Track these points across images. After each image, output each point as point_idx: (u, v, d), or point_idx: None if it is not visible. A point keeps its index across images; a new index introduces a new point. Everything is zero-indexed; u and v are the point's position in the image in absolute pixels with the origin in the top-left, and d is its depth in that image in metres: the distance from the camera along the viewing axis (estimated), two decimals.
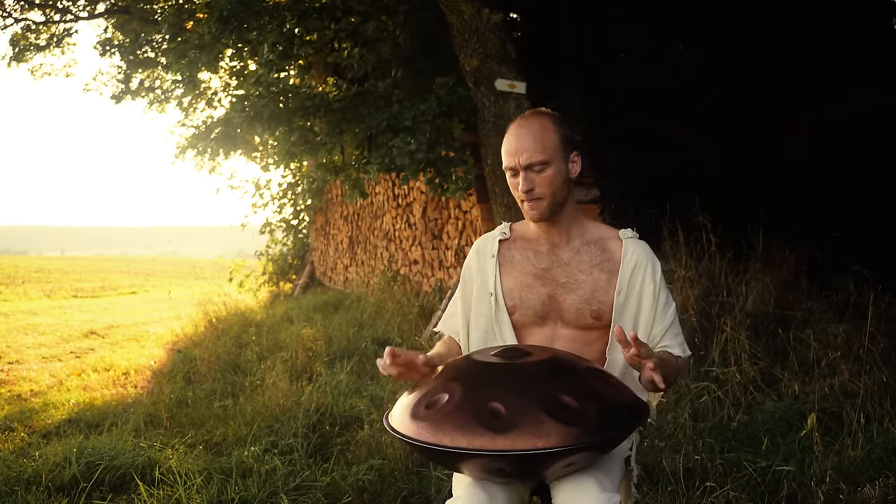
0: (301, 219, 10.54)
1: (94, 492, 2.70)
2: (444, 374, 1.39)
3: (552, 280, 1.63)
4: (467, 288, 1.74)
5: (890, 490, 2.38)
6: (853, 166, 4.97)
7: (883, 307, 3.72)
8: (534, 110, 1.63)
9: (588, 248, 1.64)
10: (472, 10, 4.56)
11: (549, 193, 1.57)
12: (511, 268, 1.67)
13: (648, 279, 1.61)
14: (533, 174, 1.55)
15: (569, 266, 1.63)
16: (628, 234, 1.66)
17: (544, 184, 1.56)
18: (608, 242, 1.65)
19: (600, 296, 1.60)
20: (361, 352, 4.83)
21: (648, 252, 1.64)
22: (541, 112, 1.62)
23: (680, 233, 4.38)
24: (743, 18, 5.12)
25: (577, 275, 1.62)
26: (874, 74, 5.04)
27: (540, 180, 1.56)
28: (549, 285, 1.62)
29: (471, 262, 1.74)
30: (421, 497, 2.67)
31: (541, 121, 1.59)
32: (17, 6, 11.36)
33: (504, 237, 1.72)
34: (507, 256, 1.69)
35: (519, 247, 1.69)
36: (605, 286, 1.60)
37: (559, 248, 1.65)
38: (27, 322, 8.32)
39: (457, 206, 5.95)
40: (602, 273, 1.61)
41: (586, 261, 1.62)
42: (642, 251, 1.63)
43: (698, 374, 3.52)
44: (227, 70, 8.71)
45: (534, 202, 1.57)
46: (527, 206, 1.59)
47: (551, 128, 1.58)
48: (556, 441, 1.19)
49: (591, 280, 1.61)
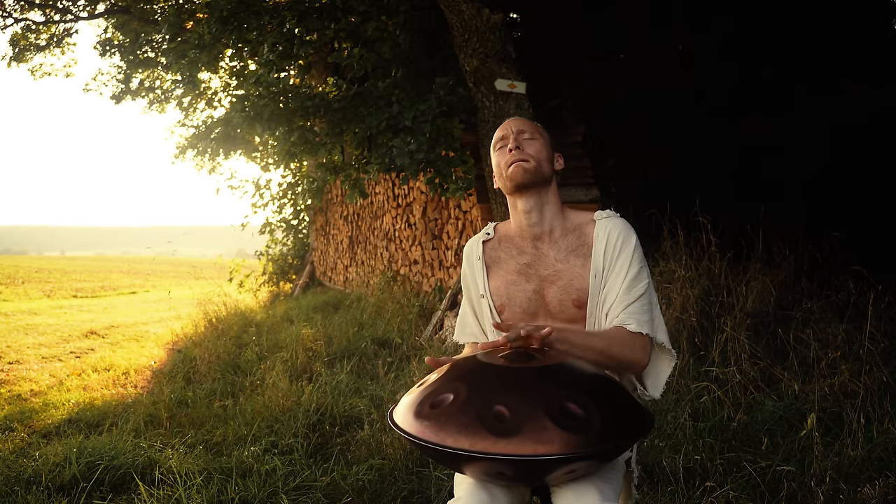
0: (301, 219, 10.54)
1: (94, 492, 2.70)
2: (450, 373, 1.38)
3: (536, 275, 1.64)
4: (470, 292, 1.77)
5: (890, 490, 2.38)
6: (853, 167, 4.97)
7: (883, 307, 3.72)
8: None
9: (566, 238, 1.64)
10: (472, 10, 4.56)
11: (536, 160, 1.63)
12: (497, 267, 1.70)
13: (619, 256, 1.59)
14: (523, 140, 1.66)
15: (548, 258, 1.64)
16: (603, 214, 1.65)
17: (533, 150, 1.64)
18: (584, 227, 1.65)
19: (577, 283, 1.60)
20: (361, 352, 4.83)
21: (621, 227, 1.61)
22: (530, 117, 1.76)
23: (680, 233, 4.38)
24: (743, 19, 5.12)
25: (556, 265, 1.63)
26: (874, 75, 5.04)
27: (528, 145, 1.65)
28: (533, 280, 1.63)
29: (464, 268, 1.78)
30: (421, 497, 2.67)
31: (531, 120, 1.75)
32: (17, 6, 11.36)
33: (488, 238, 1.75)
34: (493, 257, 1.71)
35: (503, 246, 1.71)
36: (581, 272, 1.60)
37: (541, 243, 1.66)
38: (27, 322, 8.32)
39: (457, 206, 5.95)
40: (577, 259, 1.62)
41: (564, 249, 1.63)
42: (614, 228, 1.61)
43: (698, 374, 3.52)
44: (227, 70, 8.72)
45: (520, 162, 1.62)
46: (512, 169, 1.63)
47: (540, 127, 1.72)
48: (559, 448, 1.18)
49: (568, 268, 1.61)
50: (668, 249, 4.44)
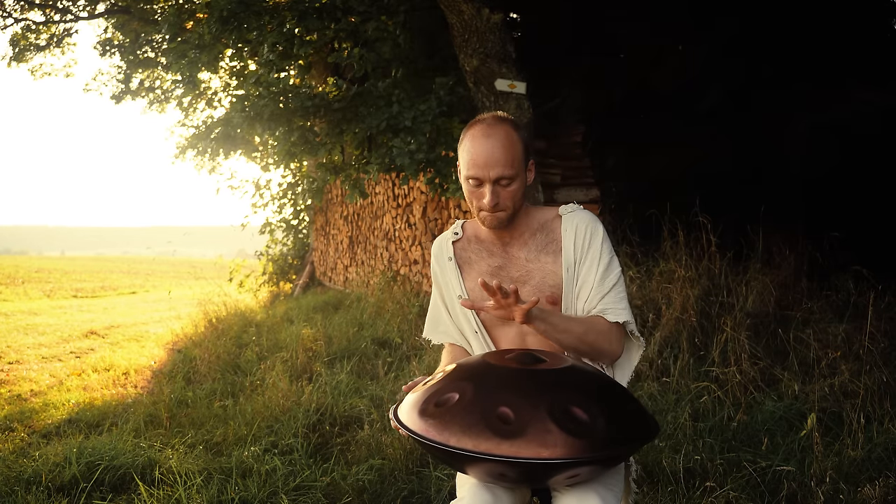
0: (301, 219, 10.54)
1: (94, 492, 2.70)
2: (456, 372, 1.37)
3: (507, 277, 1.64)
4: (442, 291, 1.76)
5: (890, 490, 2.38)
6: (853, 167, 4.97)
7: (883, 307, 3.73)
8: (495, 116, 1.58)
9: (534, 237, 1.64)
10: (472, 10, 4.56)
11: (511, 206, 1.57)
12: (469, 269, 1.69)
13: (589, 247, 1.60)
14: (500, 188, 1.55)
15: (519, 259, 1.64)
16: (568, 209, 1.65)
17: (509, 197, 1.56)
18: (551, 223, 1.65)
19: (550, 279, 1.61)
20: (361, 352, 4.83)
21: (588, 220, 1.62)
22: (503, 119, 1.57)
23: (680, 233, 4.38)
24: (743, 19, 5.12)
25: (526, 265, 1.63)
26: (874, 75, 5.04)
27: (505, 194, 1.55)
28: (505, 283, 1.62)
29: (434, 266, 1.76)
30: (421, 497, 2.67)
31: (506, 130, 1.55)
32: (17, 6, 11.37)
33: (456, 238, 1.72)
34: (464, 257, 1.71)
35: (473, 247, 1.70)
36: (552, 268, 1.61)
37: (509, 245, 1.66)
38: (27, 322, 8.32)
39: (457, 206, 5.95)
40: (548, 256, 1.62)
41: (533, 249, 1.63)
42: (580, 221, 1.62)
43: (698, 374, 3.52)
44: (227, 70, 8.72)
45: (496, 214, 1.57)
46: (487, 216, 1.58)
47: (516, 137, 1.55)
48: (562, 452, 1.17)
49: (540, 267, 1.62)
50: (668, 249, 4.44)
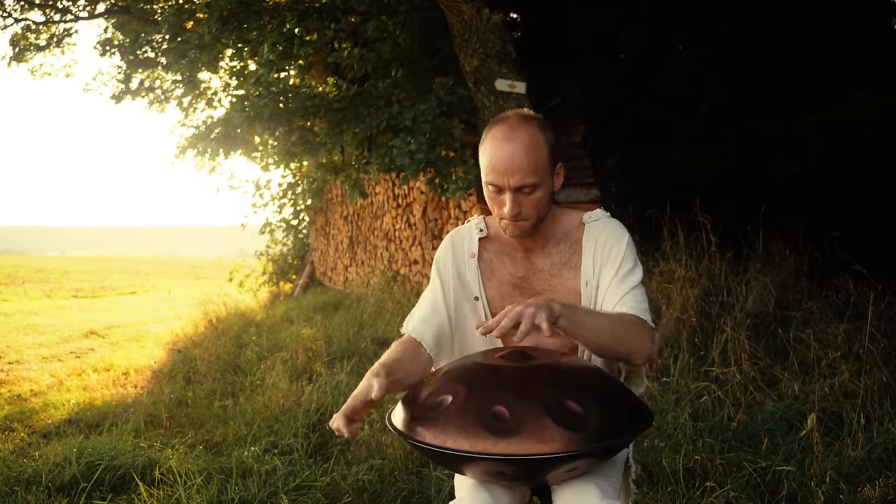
0: (301, 219, 10.55)
1: (94, 492, 2.70)
2: (449, 374, 1.38)
3: (529, 289, 1.56)
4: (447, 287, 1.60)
5: (890, 490, 2.38)
6: (854, 167, 4.97)
7: (883, 307, 3.72)
8: (519, 115, 1.45)
9: (558, 248, 1.55)
10: (472, 10, 4.56)
11: (535, 215, 1.46)
12: (490, 274, 1.58)
13: (611, 254, 1.50)
14: (522, 196, 1.43)
15: (543, 272, 1.55)
16: (592, 216, 1.56)
17: (532, 206, 1.44)
18: (574, 232, 1.55)
19: (572, 297, 1.52)
20: (361, 352, 4.83)
21: (612, 230, 1.52)
22: (528, 119, 1.44)
23: (680, 233, 4.38)
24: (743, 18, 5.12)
25: (550, 280, 1.55)
26: (874, 75, 5.04)
27: (528, 202, 1.43)
28: (526, 295, 1.55)
29: (445, 260, 1.61)
30: (421, 497, 2.67)
31: (530, 132, 1.41)
32: (17, 6, 11.38)
33: (482, 234, 1.60)
34: (486, 259, 1.59)
35: (496, 249, 1.59)
36: (573, 284, 1.53)
37: (534, 254, 1.56)
38: (27, 322, 8.32)
39: (457, 206, 5.95)
40: (570, 271, 1.54)
41: (557, 262, 1.55)
42: (603, 231, 1.52)
43: (698, 374, 3.52)
44: (227, 70, 8.74)
45: (517, 223, 1.46)
46: (508, 225, 1.47)
47: (541, 140, 1.42)
48: (560, 446, 1.18)
49: (562, 283, 1.54)
50: (668, 249, 4.44)
